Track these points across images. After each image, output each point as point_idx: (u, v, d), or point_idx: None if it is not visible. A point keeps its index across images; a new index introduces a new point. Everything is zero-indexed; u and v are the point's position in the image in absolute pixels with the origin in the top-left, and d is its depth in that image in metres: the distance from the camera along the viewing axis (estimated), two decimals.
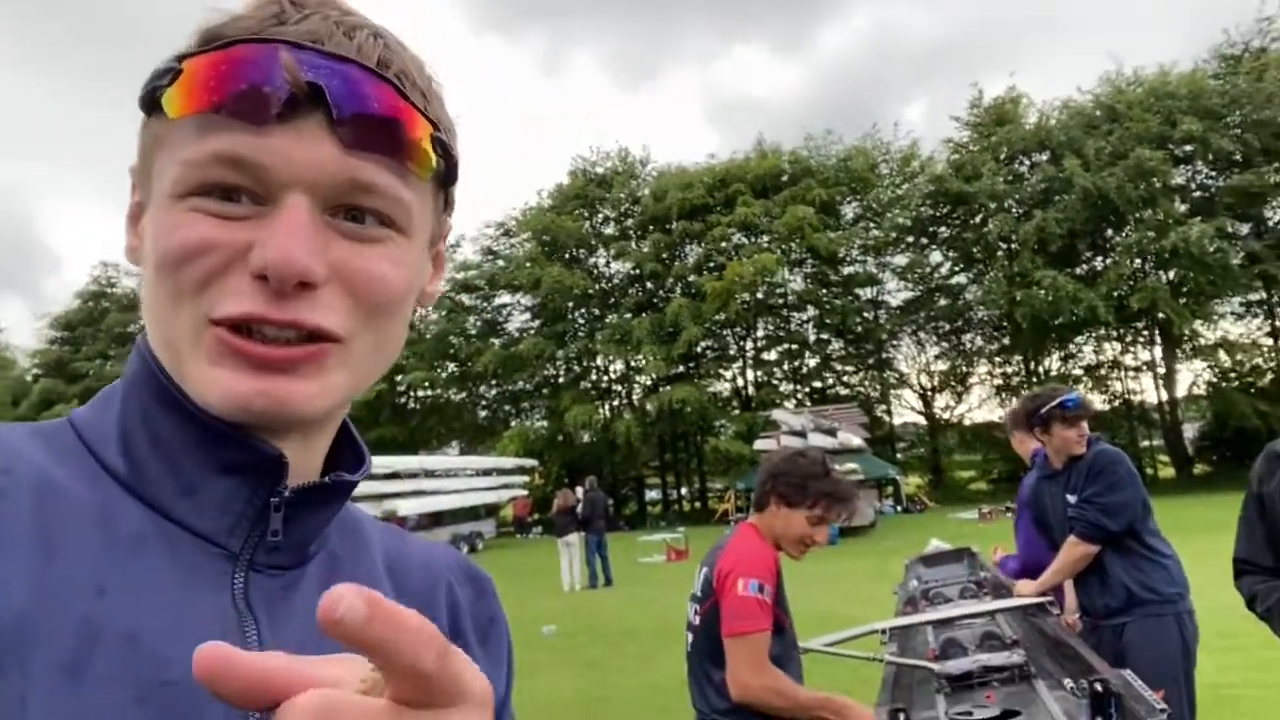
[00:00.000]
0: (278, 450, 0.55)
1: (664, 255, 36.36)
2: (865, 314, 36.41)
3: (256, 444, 0.54)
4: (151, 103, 0.52)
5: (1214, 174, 31.19)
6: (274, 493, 0.55)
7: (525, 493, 32.54)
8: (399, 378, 36.48)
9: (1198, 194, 31.47)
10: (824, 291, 36.02)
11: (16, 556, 0.47)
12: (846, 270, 36.45)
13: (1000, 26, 74.77)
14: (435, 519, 25.73)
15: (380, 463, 27.67)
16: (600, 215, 38.92)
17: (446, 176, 0.60)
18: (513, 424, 37.56)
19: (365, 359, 0.57)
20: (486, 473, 30.43)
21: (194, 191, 0.51)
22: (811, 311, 36.84)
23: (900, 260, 36.10)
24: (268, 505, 0.56)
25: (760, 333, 37.52)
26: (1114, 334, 33.21)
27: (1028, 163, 33.34)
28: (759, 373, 37.81)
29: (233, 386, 0.51)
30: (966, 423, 37.74)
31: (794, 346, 37.41)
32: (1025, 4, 76.15)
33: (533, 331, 37.75)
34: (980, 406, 37.87)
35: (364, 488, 26.86)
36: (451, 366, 38.27)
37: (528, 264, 36.79)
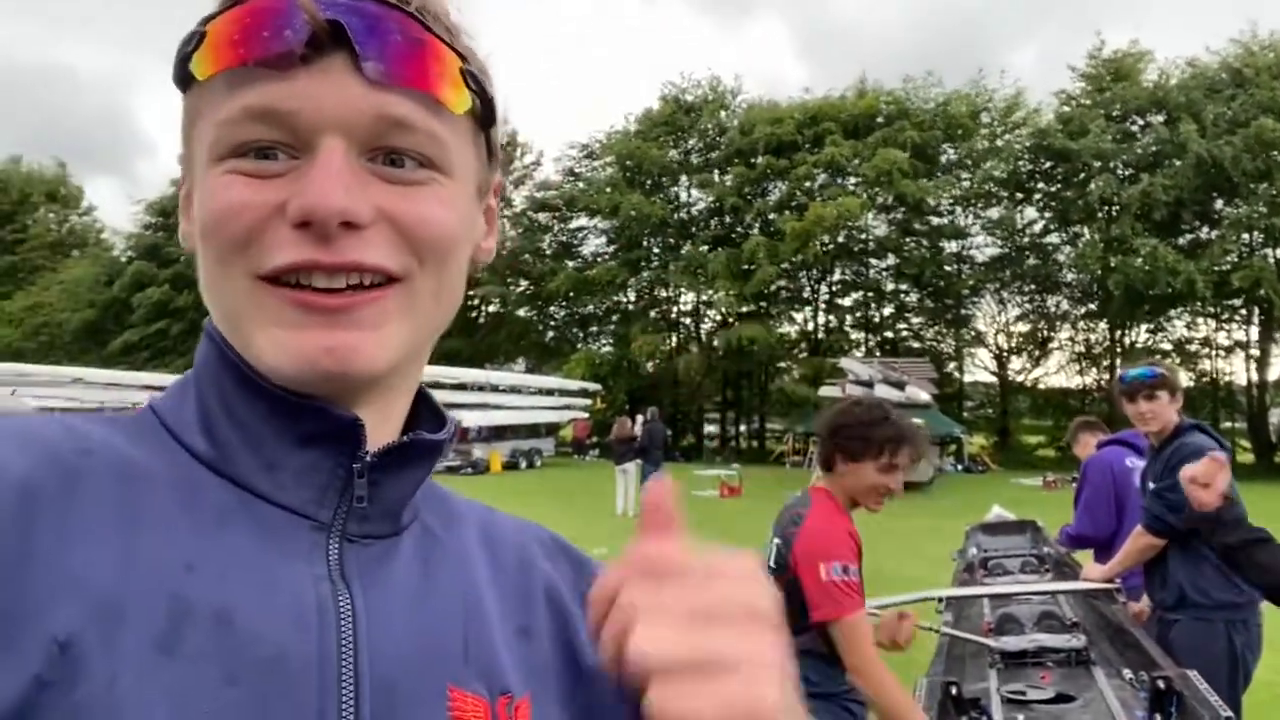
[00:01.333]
0: (352, 415, 0.54)
1: (746, 190, 35.64)
2: (948, 267, 35.30)
3: (331, 411, 0.53)
4: (183, 75, 0.53)
5: None
6: (355, 459, 0.55)
7: (586, 415, 32.99)
8: (470, 292, 36.82)
9: None
10: (907, 240, 34.98)
11: (101, 536, 0.47)
12: (934, 220, 35.27)
13: None
14: (497, 432, 26.34)
15: (447, 373, 28.31)
16: (686, 144, 38.25)
17: (484, 117, 0.58)
18: (579, 347, 37.85)
19: (427, 306, 0.56)
20: (549, 392, 30.90)
21: (230, 153, 0.51)
22: (892, 260, 35.88)
23: (992, 214, 34.78)
24: (351, 473, 0.55)
25: (836, 277, 36.81)
26: (1210, 310, 31.69)
27: (1140, 123, 31.54)
28: (831, 317, 37.23)
29: (298, 345, 0.51)
30: (1041, 387, 36.68)
31: (869, 294, 36.64)
32: None
33: (607, 256, 37.68)
34: (1058, 372, 36.68)
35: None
36: (524, 284, 38.56)
37: (608, 189, 36.48)
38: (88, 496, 0.48)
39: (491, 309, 39.55)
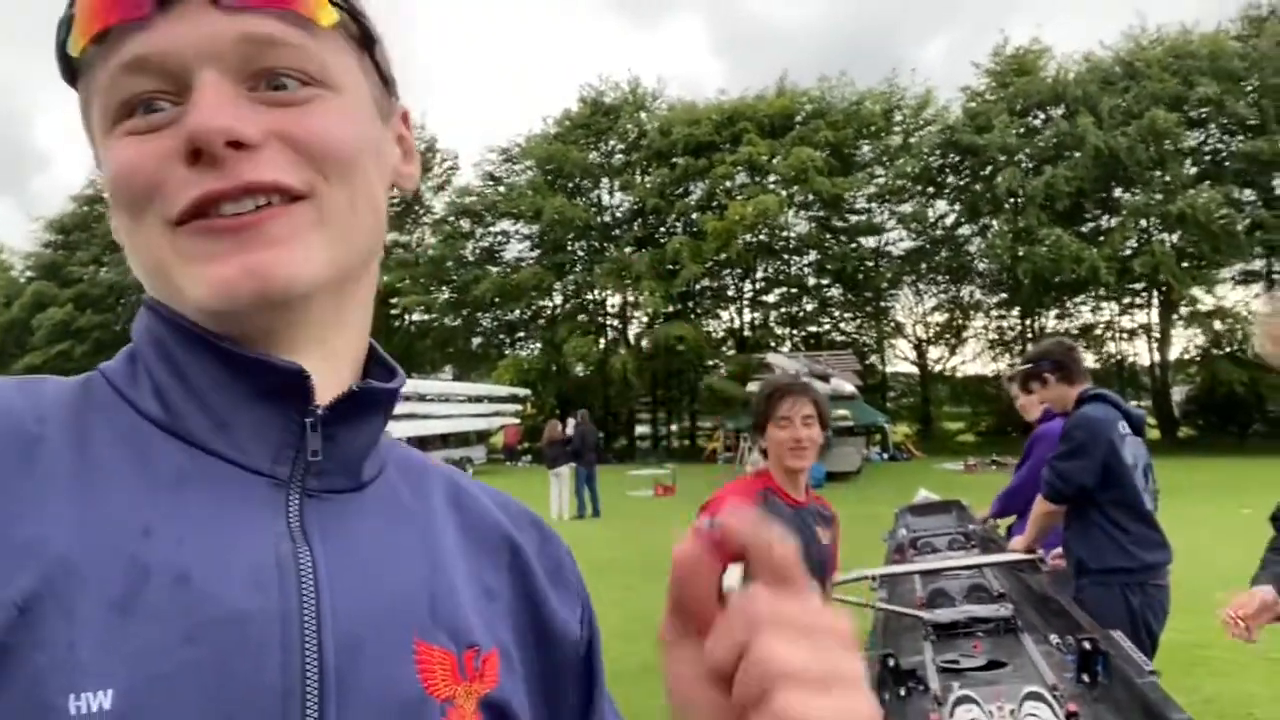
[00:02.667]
0: (296, 365, 0.54)
1: (667, 191, 35.93)
2: (867, 261, 36.18)
3: (274, 362, 0.53)
4: (66, 63, 0.54)
5: (1226, 138, 30.80)
6: (306, 413, 0.54)
7: (517, 421, 32.75)
8: (393, 300, 36.34)
9: (1208, 158, 31.13)
10: (827, 236, 35.72)
11: (57, 501, 0.47)
12: (851, 217, 36.10)
13: None
14: (424, 443, 25.93)
15: None
16: (606, 146, 38.32)
17: (362, 37, 0.58)
18: (507, 353, 37.57)
19: (341, 219, 0.55)
20: (478, 399, 30.57)
21: (118, 116, 0.52)
22: (812, 256, 36.59)
23: (906, 209, 35.78)
24: (304, 427, 0.54)
25: (760, 274, 37.35)
26: (1113, 295, 33.17)
27: (1042, 117, 32.84)
28: (756, 314, 37.76)
29: (215, 274, 0.51)
30: (959, 375, 37.89)
31: (793, 290, 37.28)
32: None
33: (532, 261, 37.49)
34: (975, 360, 37.94)
35: None
36: (447, 292, 38.10)
37: (530, 192, 36.33)
38: (45, 463, 0.48)
39: (415, 317, 38.95)
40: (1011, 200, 31.98)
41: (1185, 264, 29.44)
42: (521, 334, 39.19)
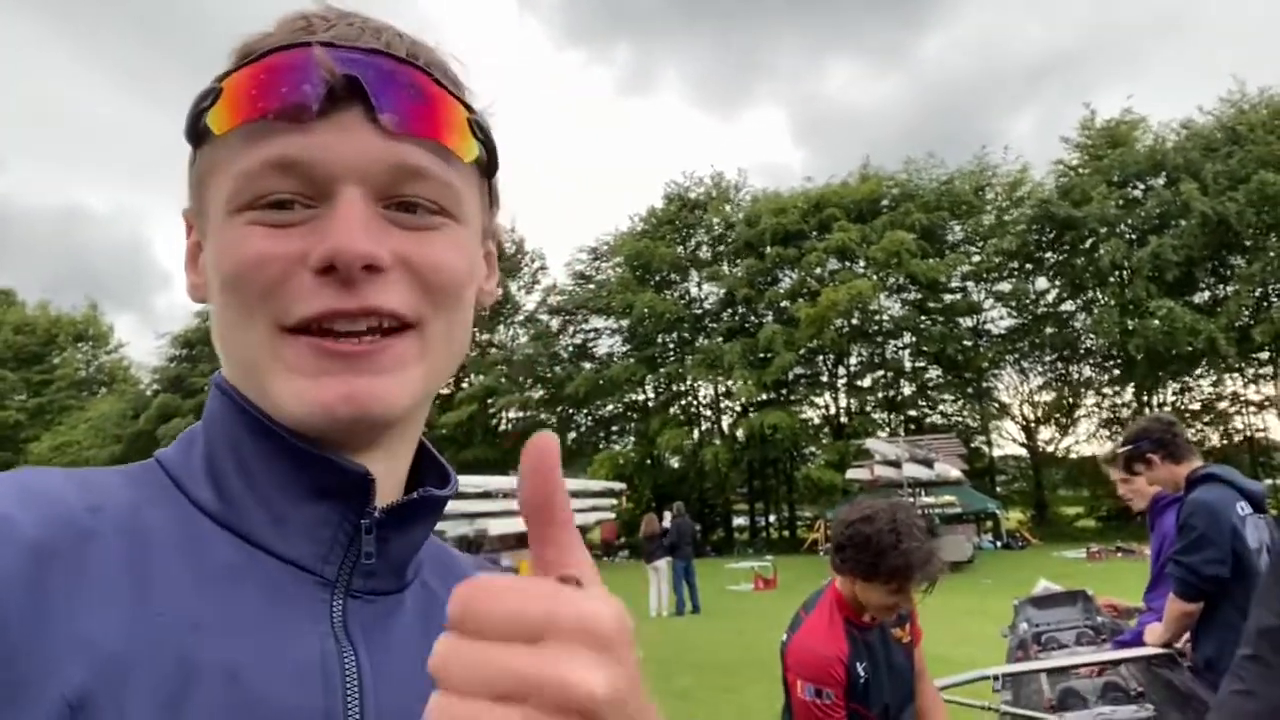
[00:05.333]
0: (362, 468, 0.54)
1: (757, 280, 36.07)
2: (965, 341, 35.24)
3: (341, 464, 0.54)
4: (197, 130, 0.55)
5: None
6: (363, 514, 0.55)
7: (613, 516, 32.55)
8: (490, 400, 37.13)
9: None
10: (922, 318, 35.03)
11: (109, 597, 0.47)
12: (947, 297, 35.41)
13: (1116, 35, 70.86)
14: (523, 539, 25.90)
15: (472, 482, 28.08)
16: (693, 240, 38.93)
17: (488, 165, 0.61)
18: (602, 447, 37.72)
19: (439, 349, 0.57)
20: (575, 494, 30.54)
21: (249, 205, 0.53)
22: (909, 338, 35.87)
23: (1004, 287, 34.88)
24: (358, 528, 0.55)
25: (854, 359, 36.77)
26: (1235, 367, 31.29)
27: (1142, 186, 31.88)
28: (852, 400, 37.00)
29: (317, 394, 0.51)
30: (1073, 456, 36.03)
31: (889, 374, 36.49)
32: (1144, 11, 72.61)
33: (623, 355, 37.91)
34: (1088, 440, 36.07)
35: (456, 506, 27.35)
36: (541, 390, 38.76)
37: (619, 288, 37.02)
38: (97, 556, 0.48)
39: (511, 415, 39.66)
40: (1116, 273, 30.86)
41: None
42: (616, 428, 39.34)
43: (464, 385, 36.85)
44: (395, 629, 0.57)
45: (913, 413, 36.36)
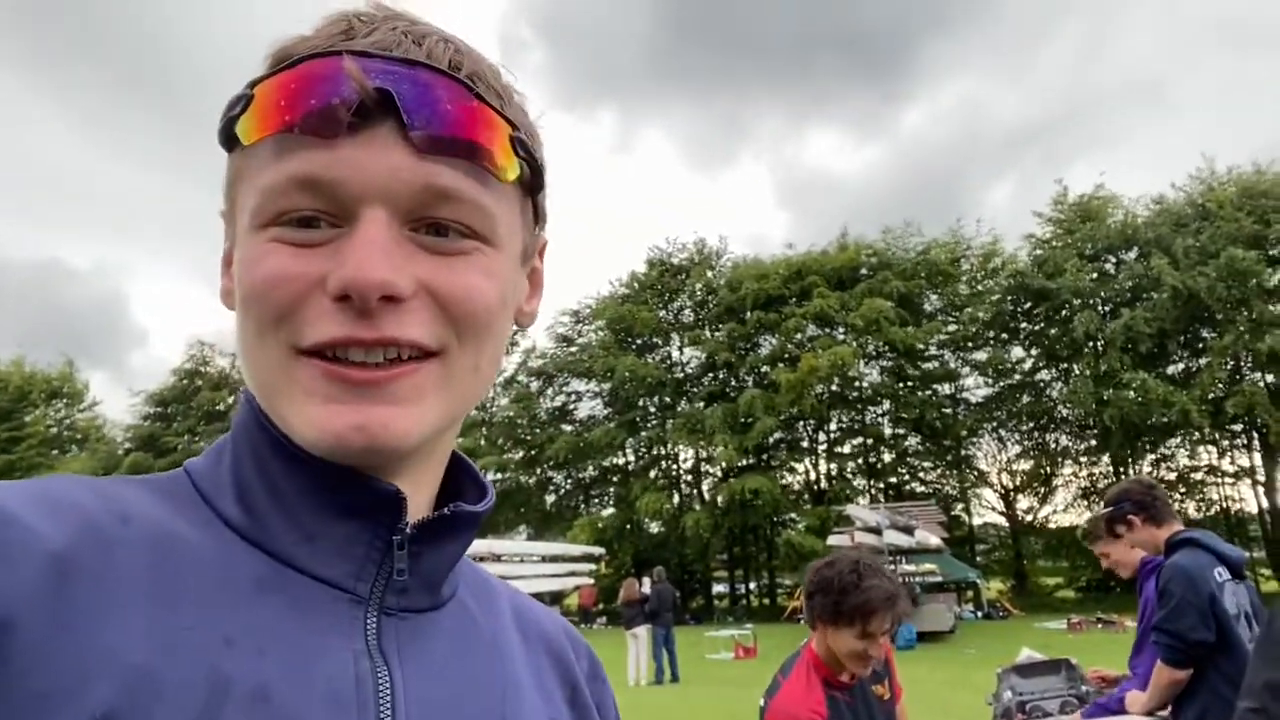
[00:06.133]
0: (393, 487, 0.53)
1: (738, 345, 36.35)
2: (944, 409, 35.50)
3: (372, 483, 0.53)
4: (229, 135, 0.52)
5: None
6: (395, 531, 0.54)
7: (591, 581, 32.13)
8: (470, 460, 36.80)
9: None
10: (901, 385, 35.33)
11: (138, 610, 0.45)
12: (924, 365, 35.78)
13: (1092, 108, 73.19)
14: None
15: None
16: (675, 304, 39.28)
17: (532, 183, 0.58)
18: (582, 511, 37.38)
19: (464, 377, 0.55)
20: (554, 559, 30.20)
21: (273, 220, 0.51)
22: (887, 405, 36.12)
23: (980, 355, 35.33)
24: (390, 545, 0.54)
25: (834, 425, 36.90)
26: (1209, 439, 31.66)
27: (1114, 260, 32.62)
28: (832, 466, 37.03)
29: (329, 422, 0.50)
30: (1051, 525, 36.06)
31: (869, 440, 36.64)
32: (1119, 84, 75.11)
33: (604, 418, 37.86)
34: (1066, 510, 36.15)
35: None
36: (521, 452, 38.53)
37: (601, 352, 37.16)
38: (124, 567, 0.46)
39: (492, 477, 39.26)
40: (1090, 344, 31.36)
41: None
42: (596, 492, 39.10)
43: None
44: (430, 647, 0.55)
45: (893, 479, 36.42)
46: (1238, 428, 30.62)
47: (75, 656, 0.43)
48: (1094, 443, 33.56)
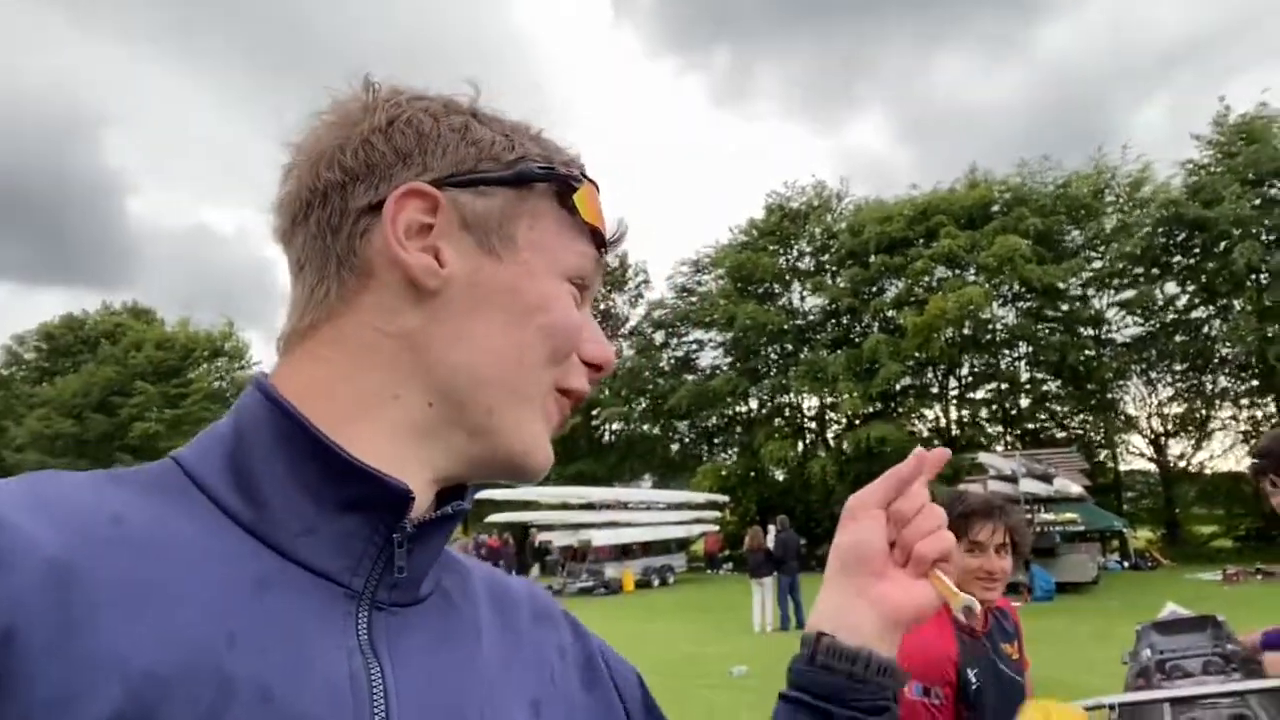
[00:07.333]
0: (404, 485, 0.55)
1: (861, 290, 35.32)
2: (1087, 351, 33.56)
3: (383, 479, 0.54)
4: (560, 191, 0.65)
5: None
6: (396, 528, 0.55)
7: (717, 528, 32.45)
8: (594, 411, 37.55)
9: None
10: (1039, 327, 33.59)
11: (140, 610, 0.46)
12: (1065, 305, 33.83)
13: (1256, 21, 65.89)
14: (626, 550, 26.15)
15: (577, 493, 28.57)
16: (795, 250, 38.51)
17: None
18: (706, 460, 37.61)
19: None
20: (678, 507, 30.64)
21: (568, 278, 0.64)
22: (1024, 348, 34.43)
23: (1129, 294, 33.11)
24: (389, 541, 0.55)
25: (966, 370, 35.55)
26: None
27: (1279, 186, 29.79)
28: (964, 412, 35.80)
29: (548, 449, 0.63)
30: (1207, 472, 33.80)
31: (1004, 385, 35.10)
32: None
33: (726, 367, 37.76)
34: (1224, 455, 33.78)
35: (561, 517, 27.76)
36: (644, 401, 38.96)
37: (722, 301, 36.91)
38: (122, 568, 0.47)
39: (615, 428, 39.97)
40: (1253, 277, 28.90)
41: None
42: (719, 440, 39.21)
43: None
44: (418, 641, 0.57)
45: (1030, 425, 34.84)
46: None
47: (80, 662, 0.43)
48: (1256, 383, 31.11)
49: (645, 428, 39.43)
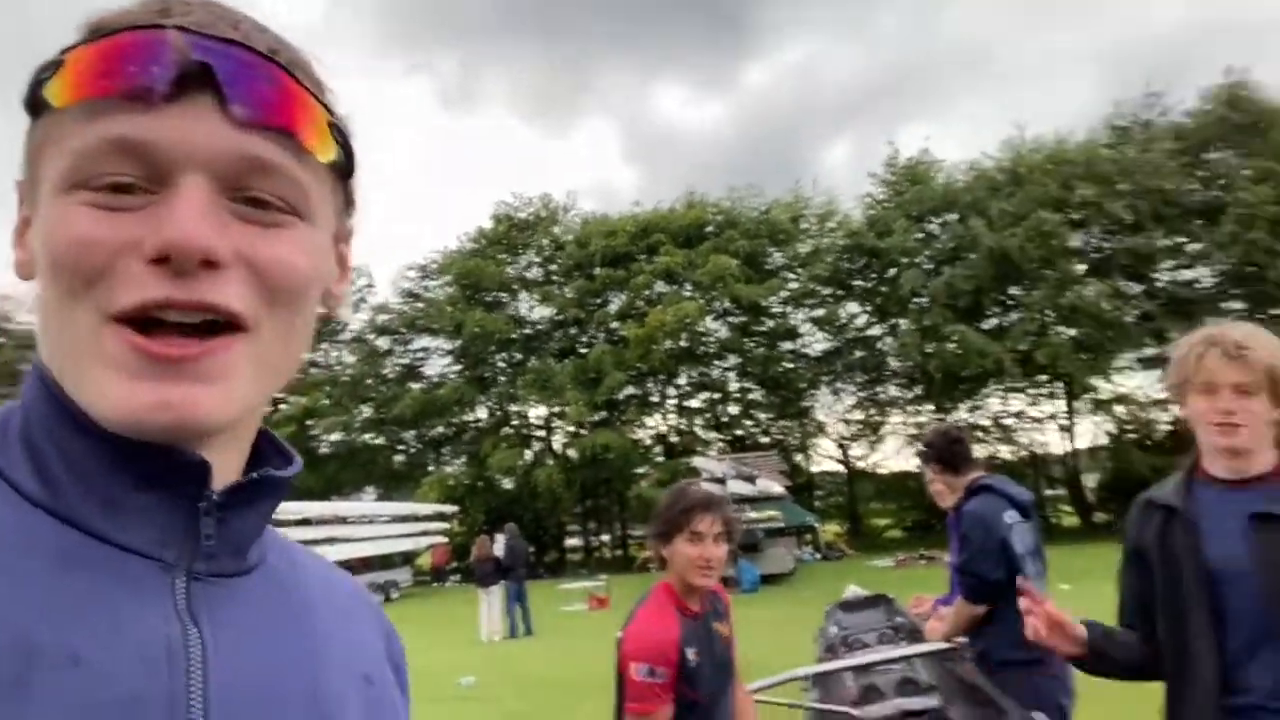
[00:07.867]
0: (198, 456, 0.52)
1: (587, 301, 36.50)
2: (786, 363, 37.07)
3: (174, 454, 0.52)
4: (35, 100, 0.52)
5: (1108, 236, 33.03)
6: (200, 499, 0.54)
7: (444, 540, 31.83)
8: (310, 422, 35.46)
9: (1094, 255, 33.25)
10: (746, 341, 36.59)
11: None
12: (768, 321, 37.14)
13: (924, 71, 77.38)
14: (348, 567, 24.88)
15: (291, 509, 26.65)
16: (523, 260, 38.92)
17: (345, 167, 0.60)
18: (433, 470, 36.81)
19: (274, 353, 0.55)
20: (404, 519, 29.70)
21: (84, 184, 0.50)
22: (733, 360, 37.33)
23: (819, 312, 37.04)
24: (196, 512, 0.54)
25: (683, 380, 37.84)
26: (1019, 387, 34.59)
27: (937, 221, 34.79)
28: (681, 420, 38.03)
29: (130, 399, 0.49)
30: (882, 471, 38.59)
31: (716, 395, 37.81)
32: (947, 51, 79.16)
33: (453, 376, 37.27)
34: (896, 455, 38.81)
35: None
36: (367, 410, 37.42)
37: (449, 308, 36.44)
38: None
39: (334, 438, 37.95)
40: (916, 300, 33.46)
41: (1083, 355, 30.99)
42: (446, 450, 38.55)
43: (281, 407, 34.95)
44: (241, 610, 0.56)
45: (739, 431, 37.78)
46: (1044, 377, 33.57)
47: None
48: (919, 391, 35.99)
49: (368, 438, 37.83)
